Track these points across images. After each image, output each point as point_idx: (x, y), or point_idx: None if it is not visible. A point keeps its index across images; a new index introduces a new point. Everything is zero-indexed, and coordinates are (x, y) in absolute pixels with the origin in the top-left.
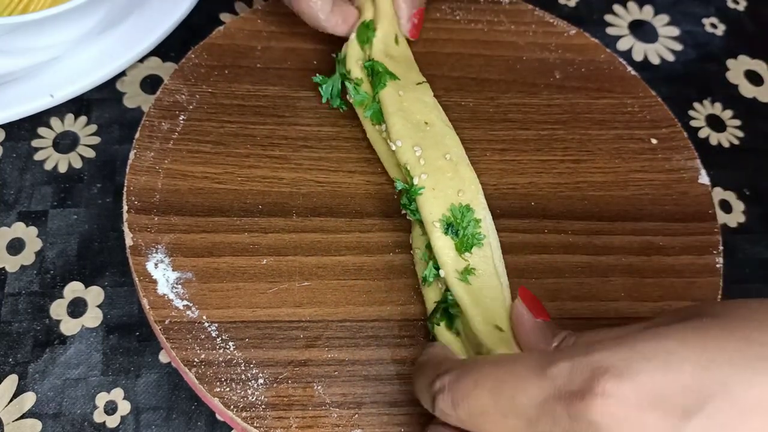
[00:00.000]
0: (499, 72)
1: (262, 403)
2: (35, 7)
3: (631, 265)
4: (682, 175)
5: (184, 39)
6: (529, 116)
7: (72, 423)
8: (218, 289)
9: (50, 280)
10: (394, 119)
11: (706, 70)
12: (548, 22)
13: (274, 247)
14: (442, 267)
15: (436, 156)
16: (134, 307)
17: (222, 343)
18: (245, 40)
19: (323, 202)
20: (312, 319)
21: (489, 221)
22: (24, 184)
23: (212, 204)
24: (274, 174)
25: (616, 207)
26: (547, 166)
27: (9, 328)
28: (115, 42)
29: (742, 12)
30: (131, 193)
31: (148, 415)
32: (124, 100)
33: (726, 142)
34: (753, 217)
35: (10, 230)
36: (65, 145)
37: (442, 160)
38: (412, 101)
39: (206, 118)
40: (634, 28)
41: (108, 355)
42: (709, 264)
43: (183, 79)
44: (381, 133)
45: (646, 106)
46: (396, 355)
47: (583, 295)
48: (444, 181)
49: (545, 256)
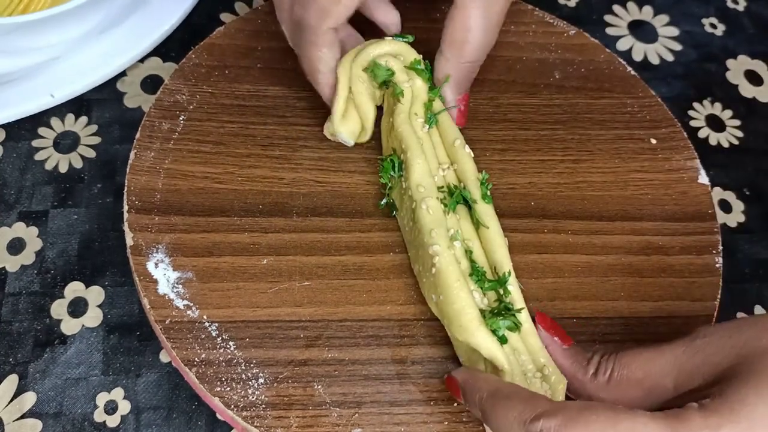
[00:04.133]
0: (498, 72)
1: (263, 403)
2: (35, 7)
3: (631, 264)
4: (682, 175)
5: (184, 39)
6: (529, 116)
7: (72, 422)
8: (218, 289)
9: (51, 280)
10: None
11: (706, 70)
12: (548, 22)
13: (275, 246)
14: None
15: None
16: (135, 306)
17: (222, 343)
18: (245, 40)
19: (323, 202)
20: (312, 318)
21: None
22: (24, 183)
23: (212, 204)
24: (274, 174)
25: (615, 207)
26: (546, 166)
27: (9, 327)
28: (115, 42)
29: (742, 12)
30: (132, 193)
31: (148, 414)
32: (125, 100)
33: (726, 142)
34: (753, 217)
35: (10, 230)
36: (66, 145)
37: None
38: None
39: (206, 118)
40: (634, 28)
41: (108, 355)
42: (708, 264)
43: (183, 79)
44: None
45: (646, 106)
46: (396, 355)
47: (582, 295)
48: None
49: (545, 256)
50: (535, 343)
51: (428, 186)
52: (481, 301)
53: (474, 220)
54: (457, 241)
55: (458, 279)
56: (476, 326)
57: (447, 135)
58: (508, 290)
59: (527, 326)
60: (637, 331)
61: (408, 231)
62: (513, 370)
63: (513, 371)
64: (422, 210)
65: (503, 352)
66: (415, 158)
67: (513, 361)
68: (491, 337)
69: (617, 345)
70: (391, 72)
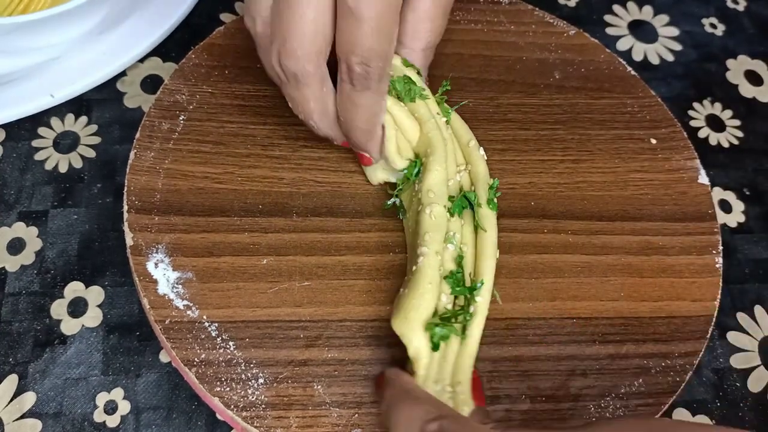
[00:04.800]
0: (498, 72)
1: (263, 403)
2: (35, 7)
3: (631, 264)
4: (682, 175)
5: (184, 39)
6: (529, 116)
7: (72, 423)
8: (218, 289)
9: (50, 280)
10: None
11: (706, 70)
12: (548, 22)
13: (275, 246)
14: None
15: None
16: (134, 306)
17: (222, 343)
18: (245, 40)
19: (323, 202)
20: (312, 318)
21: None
22: (24, 183)
23: (212, 204)
24: (274, 174)
25: (615, 207)
26: (546, 166)
27: (9, 327)
28: (115, 42)
29: (742, 12)
30: (131, 193)
31: (148, 414)
32: (125, 100)
33: (726, 142)
34: (753, 217)
35: (10, 230)
36: (66, 145)
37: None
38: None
39: (206, 118)
40: (634, 28)
41: (108, 355)
42: (708, 264)
43: (183, 79)
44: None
45: (646, 106)
46: (396, 355)
47: (582, 295)
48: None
49: (545, 256)
50: (465, 363)
51: (439, 193)
52: (446, 305)
53: (475, 224)
54: (452, 244)
55: (431, 282)
56: (418, 325)
57: (461, 136)
58: (476, 300)
59: (471, 344)
60: (637, 331)
61: (410, 233)
62: (428, 376)
63: (427, 378)
64: (425, 214)
65: (429, 357)
66: (435, 163)
67: (433, 369)
68: (425, 339)
69: (617, 345)
70: (410, 80)
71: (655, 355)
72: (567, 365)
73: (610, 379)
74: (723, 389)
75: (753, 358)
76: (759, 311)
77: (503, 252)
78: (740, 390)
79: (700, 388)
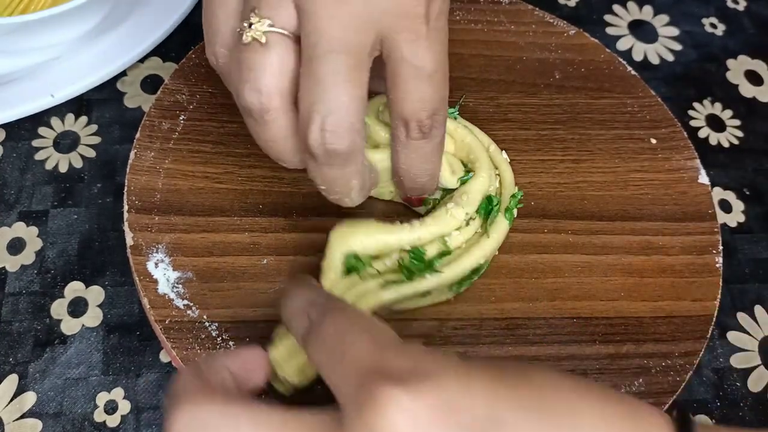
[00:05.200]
0: (498, 72)
1: None
2: (35, 7)
3: (631, 264)
4: (682, 174)
5: (184, 39)
6: (529, 116)
7: (72, 422)
8: (219, 289)
9: (50, 280)
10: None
11: (706, 70)
12: (548, 22)
13: (275, 246)
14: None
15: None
16: (135, 306)
17: (222, 343)
18: None
19: (324, 202)
20: None
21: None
22: (24, 183)
23: (213, 203)
24: (274, 174)
25: (615, 207)
26: (546, 165)
27: (9, 327)
28: (115, 42)
29: (742, 12)
30: (132, 192)
31: (148, 414)
32: (125, 100)
33: (726, 142)
34: (753, 217)
35: (10, 230)
36: (66, 145)
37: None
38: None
39: (206, 118)
40: (634, 28)
41: (108, 355)
42: (708, 264)
43: (183, 79)
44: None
45: (646, 106)
46: None
47: (582, 295)
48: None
49: (545, 256)
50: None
51: (471, 200)
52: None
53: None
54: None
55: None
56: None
57: (481, 140)
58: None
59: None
60: (638, 331)
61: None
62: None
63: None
64: (445, 207)
65: (337, 277)
66: (482, 170)
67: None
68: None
69: (617, 345)
70: None
71: (656, 354)
72: (567, 365)
73: (610, 379)
74: (723, 389)
75: (753, 357)
76: (759, 311)
77: (503, 252)
78: (740, 390)
79: (700, 388)
